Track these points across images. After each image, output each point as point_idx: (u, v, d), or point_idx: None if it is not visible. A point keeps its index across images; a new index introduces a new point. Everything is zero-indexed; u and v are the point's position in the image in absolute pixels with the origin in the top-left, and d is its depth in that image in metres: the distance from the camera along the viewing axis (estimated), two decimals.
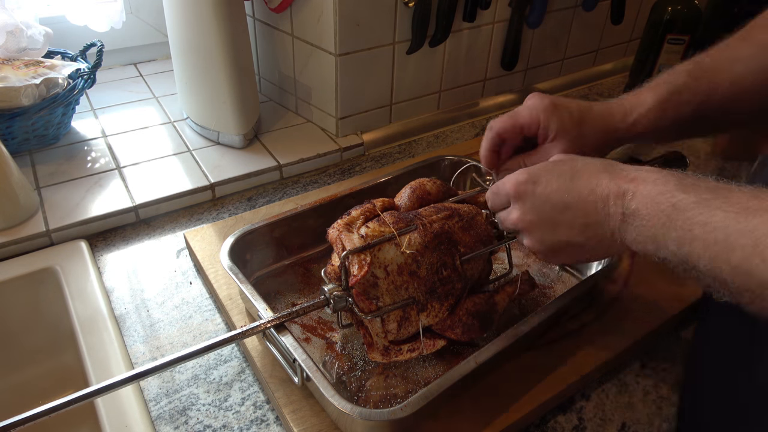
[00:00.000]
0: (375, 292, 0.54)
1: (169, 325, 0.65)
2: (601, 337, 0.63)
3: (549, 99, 0.60)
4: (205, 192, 0.85)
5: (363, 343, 0.57)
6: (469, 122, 1.11)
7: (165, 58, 1.22)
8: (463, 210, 0.60)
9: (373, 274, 0.53)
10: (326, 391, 0.48)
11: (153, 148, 0.92)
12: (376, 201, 0.61)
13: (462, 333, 0.57)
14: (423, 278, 0.55)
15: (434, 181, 0.65)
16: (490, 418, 0.54)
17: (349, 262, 0.54)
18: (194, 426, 0.55)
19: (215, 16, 0.82)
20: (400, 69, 0.97)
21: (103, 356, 0.60)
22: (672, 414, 0.58)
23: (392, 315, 0.55)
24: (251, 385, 0.59)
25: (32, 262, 0.71)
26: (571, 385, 0.58)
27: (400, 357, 0.56)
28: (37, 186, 0.82)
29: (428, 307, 0.56)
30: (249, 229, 0.66)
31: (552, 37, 1.16)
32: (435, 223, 0.57)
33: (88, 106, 1.03)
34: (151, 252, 0.76)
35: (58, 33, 0.99)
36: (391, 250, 0.55)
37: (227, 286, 0.67)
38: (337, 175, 0.93)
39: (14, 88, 0.80)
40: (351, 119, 0.97)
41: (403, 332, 0.56)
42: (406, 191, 0.63)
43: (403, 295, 0.55)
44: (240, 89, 0.89)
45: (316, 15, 0.88)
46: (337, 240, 0.56)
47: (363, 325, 0.57)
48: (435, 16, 0.94)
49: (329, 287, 0.55)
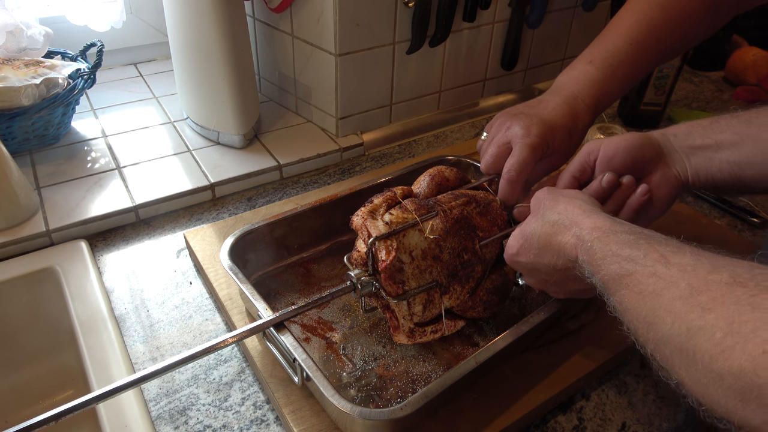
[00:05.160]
0: (401, 276, 0.56)
1: (169, 325, 0.65)
2: (601, 337, 0.63)
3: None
4: (205, 192, 0.85)
5: (388, 326, 0.59)
6: (469, 122, 1.11)
7: (165, 58, 1.22)
8: (479, 196, 0.63)
9: (399, 259, 0.55)
10: (326, 390, 0.48)
11: (153, 148, 0.92)
12: (396, 189, 0.62)
13: (484, 310, 0.61)
14: (445, 262, 0.58)
15: (451, 168, 0.67)
16: (490, 418, 0.54)
17: (375, 248, 0.56)
18: (194, 426, 0.55)
19: (215, 16, 0.82)
20: (400, 69, 0.97)
21: (103, 356, 0.60)
22: (672, 414, 0.58)
23: (418, 298, 0.57)
24: (251, 385, 0.59)
25: (32, 262, 0.71)
26: (571, 385, 0.58)
27: (424, 338, 0.59)
28: (37, 186, 0.82)
29: (450, 290, 0.59)
30: (249, 229, 0.66)
31: (552, 37, 1.16)
32: (455, 209, 0.59)
33: (88, 106, 1.03)
34: (151, 252, 0.76)
35: (58, 33, 0.99)
36: (415, 236, 0.56)
37: (227, 286, 0.67)
38: (337, 175, 0.93)
39: (14, 88, 0.80)
40: (351, 119, 0.97)
41: (427, 314, 0.59)
42: (425, 178, 0.65)
43: (427, 279, 0.57)
44: (240, 89, 0.89)
45: (316, 15, 0.88)
46: (363, 227, 0.57)
47: (389, 309, 0.58)
48: (435, 16, 0.94)
49: (356, 272, 0.57)
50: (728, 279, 0.35)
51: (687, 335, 0.35)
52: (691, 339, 0.34)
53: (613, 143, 0.58)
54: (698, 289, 0.36)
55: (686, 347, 0.34)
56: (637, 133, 0.59)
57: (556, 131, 0.63)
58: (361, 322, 0.65)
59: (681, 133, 0.58)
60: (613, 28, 0.68)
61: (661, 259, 0.39)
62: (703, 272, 0.37)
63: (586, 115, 0.66)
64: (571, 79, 0.67)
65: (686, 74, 1.34)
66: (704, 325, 0.34)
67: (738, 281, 0.34)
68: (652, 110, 1.07)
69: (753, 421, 0.31)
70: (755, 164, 0.53)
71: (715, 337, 0.33)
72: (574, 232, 0.48)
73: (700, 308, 0.34)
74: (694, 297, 0.35)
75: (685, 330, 0.35)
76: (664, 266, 0.39)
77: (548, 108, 0.64)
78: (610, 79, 0.66)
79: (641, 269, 0.40)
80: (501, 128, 0.65)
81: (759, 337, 0.31)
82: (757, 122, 0.54)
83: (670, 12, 0.65)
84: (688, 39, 0.68)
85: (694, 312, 0.35)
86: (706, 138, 0.56)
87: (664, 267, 0.39)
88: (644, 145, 0.57)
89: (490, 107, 1.13)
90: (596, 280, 0.45)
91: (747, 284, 0.34)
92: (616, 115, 1.14)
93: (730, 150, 0.54)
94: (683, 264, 0.38)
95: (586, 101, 0.65)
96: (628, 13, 0.67)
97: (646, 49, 0.66)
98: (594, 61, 0.66)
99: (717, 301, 0.34)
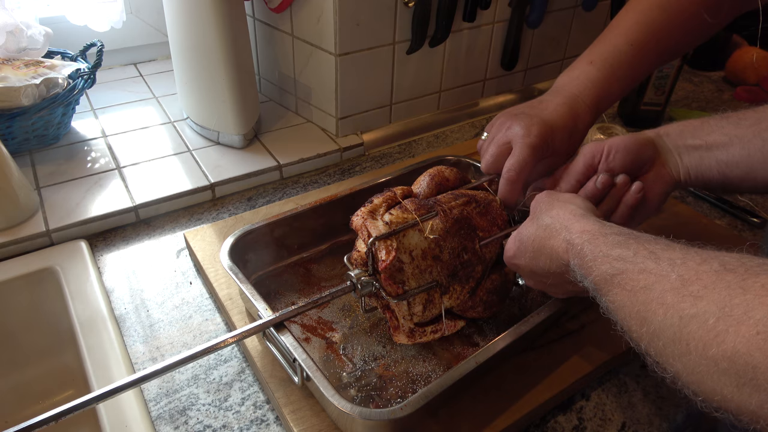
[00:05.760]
0: (401, 276, 0.56)
1: (169, 325, 0.65)
2: (601, 338, 0.63)
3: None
4: (205, 192, 0.85)
5: (388, 326, 0.59)
6: (469, 122, 1.11)
7: (165, 58, 1.22)
8: (479, 196, 0.63)
9: (399, 259, 0.55)
10: (326, 390, 0.48)
11: (153, 148, 0.92)
12: (395, 189, 0.62)
13: (484, 310, 0.61)
14: (445, 262, 0.58)
15: (451, 168, 0.67)
16: (490, 418, 0.54)
17: (375, 248, 0.55)
18: (194, 426, 0.55)
19: (215, 16, 0.82)
20: (400, 69, 0.97)
21: (103, 356, 0.60)
22: (672, 414, 0.58)
23: (418, 298, 0.57)
24: (251, 385, 0.59)
25: (32, 262, 0.71)
26: (571, 385, 0.58)
27: (424, 338, 0.59)
28: (37, 186, 0.82)
29: (450, 290, 0.59)
30: (249, 229, 0.66)
31: (552, 37, 1.16)
32: (454, 209, 0.59)
33: (88, 106, 1.03)
34: (151, 252, 0.76)
35: (58, 33, 0.99)
36: (415, 236, 0.56)
37: (227, 286, 0.67)
38: (337, 175, 0.93)
39: (14, 88, 0.80)
40: (351, 119, 0.97)
41: (427, 314, 0.59)
42: (425, 178, 0.65)
43: (427, 279, 0.57)
44: (240, 89, 0.89)
45: (316, 15, 0.88)
46: (362, 227, 0.57)
47: (389, 309, 0.59)
48: (435, 16, 0.94)
49: (356, 272, 0.57)
50: (718, 267, 0.35)
51: (680, 324, 0.35)
52: (684, 327, 0.34)
53: (615, 144, 0.59)
54: (689, 280, 0.36)
55: (680, 336, 0.35)
56: (636, 134, 0.59)
57: (556, 132, 0.63)
58: (361, 322, 0.65)
59: (674, 132, 0.59)
60: (614, 29, 0.68)
61: (650, 256, 0.40)
62: (693, 264, 0.37)
63: (587, 115, 0.66)
64: (572, 79, 0.67)
65: (686, 74, 1.34)
66: (696, 313, 0.34)
67: (728, 268, 0.35)
68: (652, 110, 1.07)
69: (749, 405, 0.31)
70: (741, 164, 0.54)
71: (708, 323, 0.33)
72: (564, 236, 0.48)
73: (692, 297, 0.35)
74: (685, 287, 0.36)
75: (677, 320, 0.35)
76: (654, 262, 0.39)
77: (549, 108, 0.65)
78: (610, 80, 0.66)
79: (631, 267, 0.40)
80: (501, 128, 0.65)
81: (752, 318, 0.31)
82: (745, 123, 0.55)
83: (670, 13, 0.65)
84: (688, 40, 0.69)
85: (686, 301, 0.35)
86: (697, 138, 0.57)
87: (654, 263, 0.39)
88: (643, 145, 0.58)
89: (490, 107, 1.13)
90: (588, 282, 0.45)
91: (737, 270, 0.34)
92: (616, 115, 1.14)
93: (720, 150, 0.56)
94: (673, 258, 0.38)
95: (586, 102, 0.65)
96: (629, 14, 0.67)
97: (646, 50, 0.66)
98: (594, 62, 0.66)
99: (708, 288, 0.34)
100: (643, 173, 0.59)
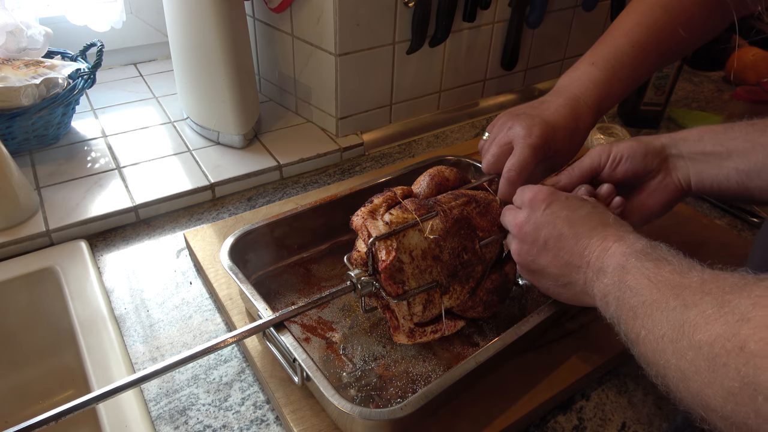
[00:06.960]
0: (401, 276, 0.56)
1: (169, 325, 0.65)
2: (601, 337, 0.63)
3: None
4: (205, 192, 0.85)
5: (389, 326, 0.59)
6: (469, 122, 1.11)
7: (165, 58, 1.22)
8: (479, 196, 0.63)
9: (399, 259, 0.55)
10: (326, 390, 0.48)
11: (153, 148, 0.92)
12: (395, 189, 0.62)
13: (484, 310, 0.61)
14: (445, 262, 0.58)
15: (451, 168, 0.67)
16: (490, 418, 0.54)
17: (375, 248, 0.55)
18: (194, 426, 0.55)
19: (215, 16, 0.82)
20: (400, 69, 0.97)
21: (103, 356, 0.60)
22: (672, 414, 0.58)
23: (418, 298, 0.57)
24: (251, 385, 0.59)
25: (32, 262, 0.71)
26: (571, 385, 0.58)
27: (424, 338, 0.59)
28: (37, 186, 0.82)
29: (450, 290, 0.59)
30: (249, 229, 0.66)
31: (552, 37, 1.16)
32: (455, 209, 0.59)
33: (88, 106, 1.03)
34: (151, 252, 0.76)
35: (58, 33, 0.99)
36: (415, 236, 0.56)
37: (227, 286, 0.67)
38: (337, 175, 0.93)
39: (14, 88, 0.80)
40: (351, 119, 0.97)
41: (427, 314, 0.58)
42: (425, 179, 0.65)
43: (427, 279, 0.57)
44: (240, 89, 0.89)
45: (316, 15, 0.88)
46: (362, 227, 0.57)
47: (389, 309, 0.58)
48: (435, 16, 0.94)
49: (356, 272, 0.57)
50: None
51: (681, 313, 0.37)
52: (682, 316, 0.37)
53: (621, 151, 0.58)
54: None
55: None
56: (643, 140, 0.59)
57: (557, 132, 0.63)
58: (361, 322, 0.65)
59: (692, 138, 0.58)
60: (615, 30, 0.68)
61: None
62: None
63: (589, 116, 0.66)
64: (574, 80, 0.67)
65: (686, 74, 1.34)
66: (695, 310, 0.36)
67: None
68: (652, 110, 1.07)
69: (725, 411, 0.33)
70: (764, 173, 0.53)
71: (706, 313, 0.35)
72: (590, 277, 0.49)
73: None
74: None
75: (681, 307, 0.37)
76: None
77: (550, 109, 0.65)
78: (612, 81, 0.66)
79: None
80: (503, 128, 0.65)
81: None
82: None
83: (672, 14, 0.65)
84: (690, 41, 0.68)
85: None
86: (717, 144, 0.56)
87: None
88: (649, 154, 0.58)
89: (490, 107, 1.13)
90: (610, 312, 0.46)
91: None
92: (617, 115, 1.14)
93: (740, 158, 0.54)
94: None
95: (588, 103, 0.65)
96: (630, 14, 0.67)
97: (648, 50, 0.66)
98: (596, 63, 0.66)
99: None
100: (647, 180, 0.59)
